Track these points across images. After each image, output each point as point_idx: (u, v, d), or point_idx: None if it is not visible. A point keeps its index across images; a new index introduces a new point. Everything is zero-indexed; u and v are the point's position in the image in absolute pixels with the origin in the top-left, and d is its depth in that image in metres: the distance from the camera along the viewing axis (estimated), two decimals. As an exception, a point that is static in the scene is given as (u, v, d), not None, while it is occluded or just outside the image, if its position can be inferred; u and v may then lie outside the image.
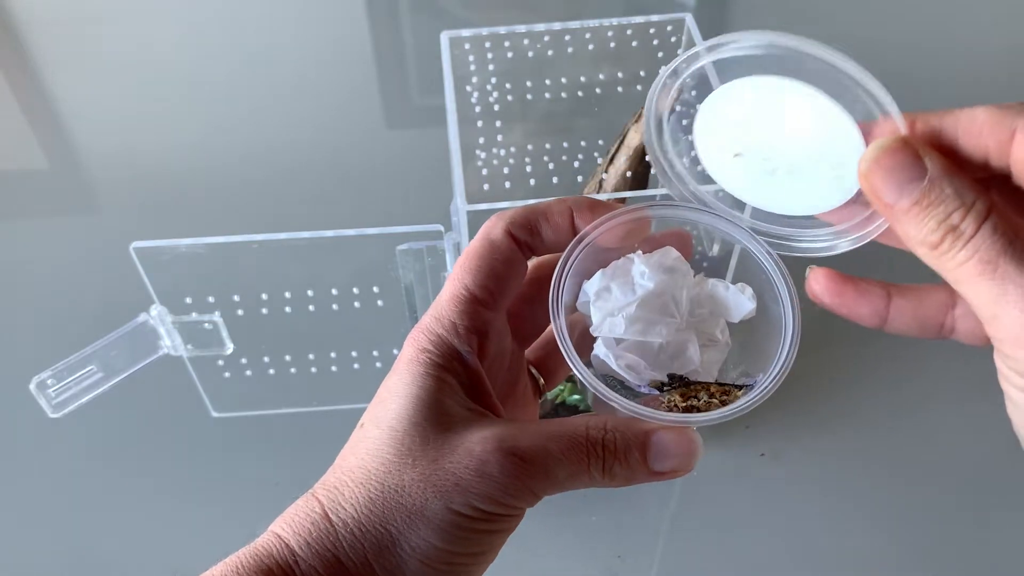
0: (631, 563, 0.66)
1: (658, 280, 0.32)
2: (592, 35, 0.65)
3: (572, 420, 0.30)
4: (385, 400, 0.30)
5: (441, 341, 0.31)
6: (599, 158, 0.70)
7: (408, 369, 0.31)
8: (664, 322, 0.32)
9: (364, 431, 0.30)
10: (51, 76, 1.15)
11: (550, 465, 0.29)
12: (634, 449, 0.29)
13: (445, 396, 0.30)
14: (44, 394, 0.56)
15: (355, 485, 0.29)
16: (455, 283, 0.32)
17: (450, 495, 0.28)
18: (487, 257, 0.32)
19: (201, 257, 0.57)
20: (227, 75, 1.13)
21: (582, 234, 0.32)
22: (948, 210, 0.26)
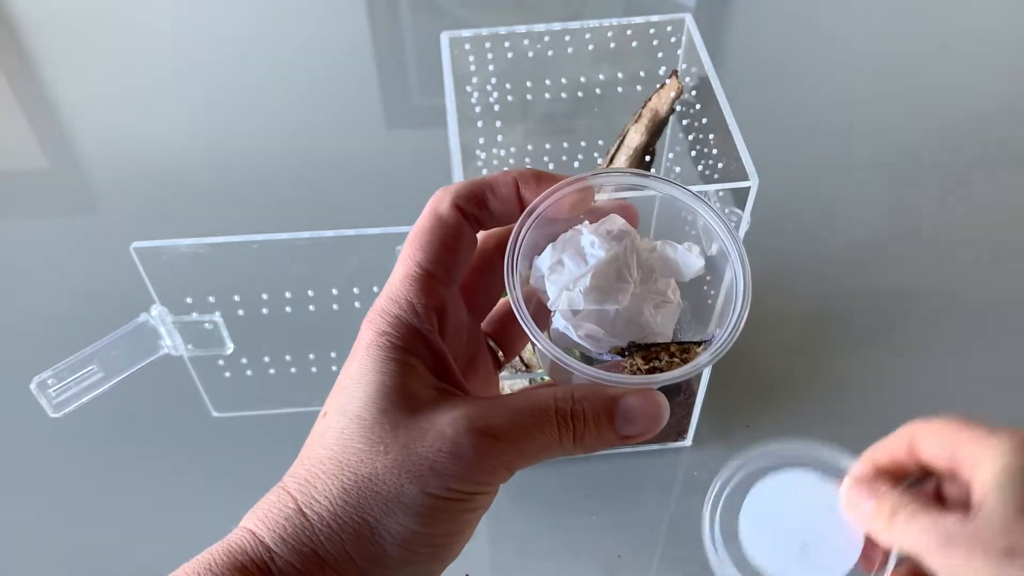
0: (631, 563, 0.66)
1: (608, 248, 0.32)
2: (592, 35, 0.65)
3: (539, 392, 0.30)
4: (348, 387, 0.30)
5: (400, 322, 0.30)
6: (599, 158, 0.70)
7: (369, 354, 0.30)
8: (619, 288, 0.32)
9: (329, 420, 0.30)
10: (51, 76, 1.15)
11: (522, 440, 0.29)
12: (602, 416, 0.30)
13: (410, 379, 0.30)
14: (45, 394, 0.56)
15: (327, 477, 0.28)
16: (407, 262, 0.31)
17: (426, 479, 0.28)
18: (437, 232, 0.31)
19: (201, 257, 0.57)
20: (227, 75, 1.13)
21: (531, 207, 0.32)
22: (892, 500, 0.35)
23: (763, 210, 0.58)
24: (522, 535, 0.69)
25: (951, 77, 1.10)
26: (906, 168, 0.97)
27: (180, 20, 1.23)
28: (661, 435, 0.72)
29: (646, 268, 0.33)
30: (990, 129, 1.02)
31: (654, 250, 0.34)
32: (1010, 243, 0.89)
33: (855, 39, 1.16)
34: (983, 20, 1.19)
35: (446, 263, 0.32)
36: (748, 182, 0.53)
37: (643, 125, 0.61)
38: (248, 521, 0.29)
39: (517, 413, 0.29)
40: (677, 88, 0.59)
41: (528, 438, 0.29)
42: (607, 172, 0.33)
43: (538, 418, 0.29)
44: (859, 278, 0.86)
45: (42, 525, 0.70)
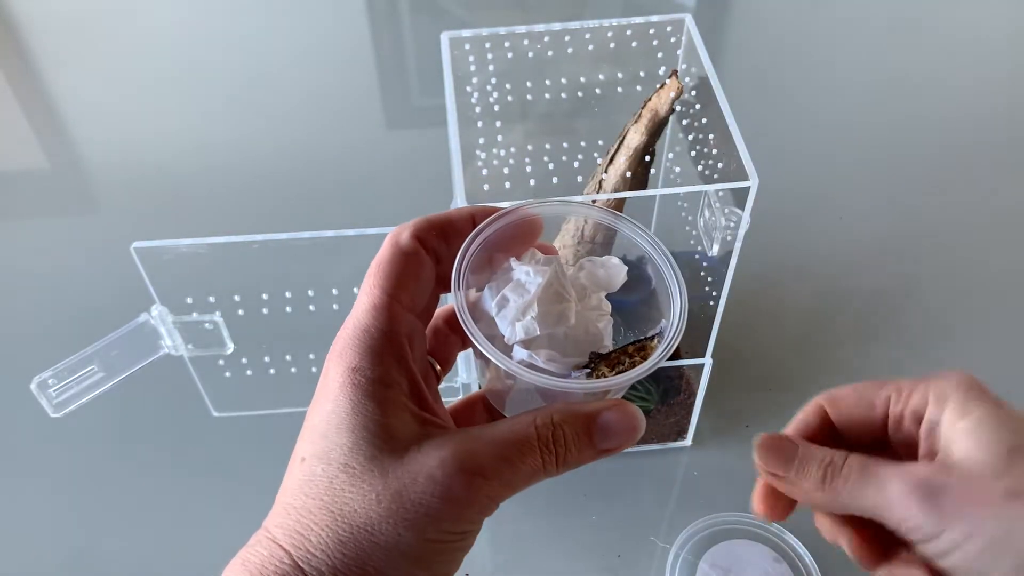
0: (631, 563, 0.66)
1: (542, 274, 0.33)
2: (592, 35, 0.65)
3: (519, 421, 0.30)
4: (327, 433, 0.29)
5: (372, 352, 0.30)
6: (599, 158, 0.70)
7: (344, 394, 0.29)
8: (563, 308, 0.33)
9: (312, 468, 0.29)
10: (51, 76, 1.15)
11: (509, 475, 0.29)
12: (582, 435, 0.31)
13: (391, 417, 0.29)
14: (45, 394, 0.56)
15: (320, 529, 0.28)
16: (372, 292, 0.31)
17: (422, 526, 0.28)
18: (400, 263, 0.32)
19: (202, 257, 0.57)
20: (228, 75, 1.13)
21: (479, 227, 0.33)
22: (820, 457, 0.35)
23: (763, 210, 0.58)
24: (522, 535, 0.69)
25: (951, 77, 1.10)
26: (906, 168, 0.97)
27: (180, 20, 1.23)
28: (661, 435, 0.72)
29: (578, 287, 0.35)
30: (990, 128, 1.02)
31: (581, 268, 0.36)
32: (1010, 242, 0.89)
33: (855, 39, 1.16)
34: (983, 20, 1.19)
35: (410, 291, 0.32)
36: (748, 182, 0.53)
37: (643, 125, 0.61)
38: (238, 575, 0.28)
39: (501, 447, 0.29)
40: (677, 88, 0.59)
41: (514, 471, 0.29)
42: (545, 203, 0.35)
43: (521, 449, 0.30)
44: (859, 277, 0.86)
45: (42, 525, 0.70)
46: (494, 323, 0.33)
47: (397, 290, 0.31)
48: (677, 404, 0.71)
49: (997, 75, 1.10)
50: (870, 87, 1.08)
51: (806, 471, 0.35)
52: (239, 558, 0.29)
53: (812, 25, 1.19)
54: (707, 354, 0.65)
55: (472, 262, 0.33)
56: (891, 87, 1.08)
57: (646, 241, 0.35)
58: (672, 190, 0.61)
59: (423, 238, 0.33)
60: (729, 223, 0.56)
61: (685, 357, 0.73)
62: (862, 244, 0.89)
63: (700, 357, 0.66)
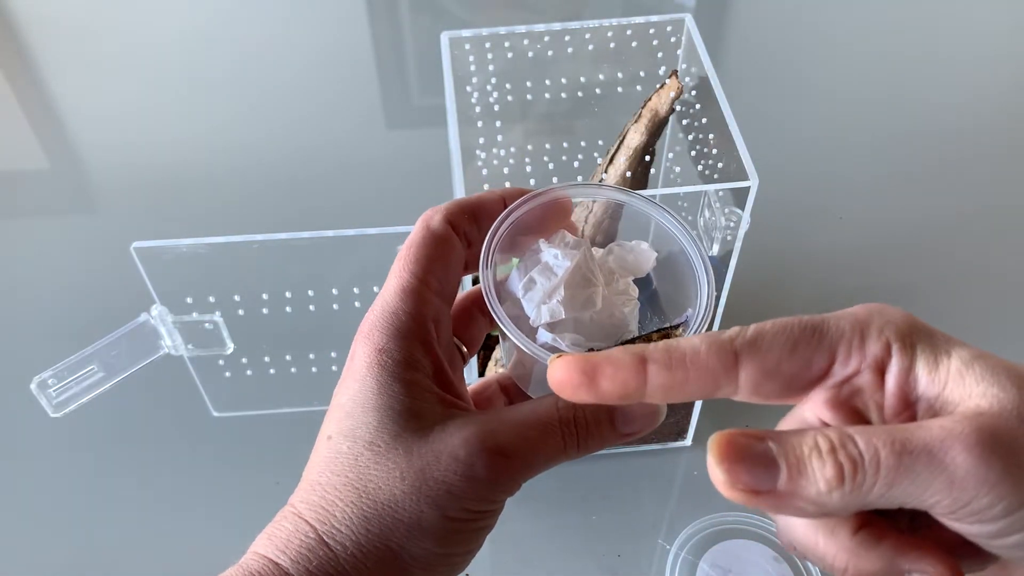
0: (631, 563, 0.66)
1: (571, 256, 0.34)
2: (592, 35, 0.65)
3: (541, 403, 0.31)
4: (353, 412, 0.30)
5: (399, 334, 0.30)
6: (599, 158, 0.70)
7: (372, 375, 0.30)
8: (590, 292, 0.34)
9: (338, 446, 0.30)
10: (51, 76, 1.15)
11: (531, 455, 0.30)
12: (603, 418, 0.31)
13: (416, 398, 0.30)
14: (45, 394, 0.56)
15: (346, 505, 0.29)
16: (401, 274, 0.32)
17: (444, 504, 0.28)
18: (430, 245, 0.32)
19: (202, 257, 0.57)
20: (227, 75, 1.13)
21: (505, 212, 0.33)
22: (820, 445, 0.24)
23: (763, 210, 0.58)
24: (522, 535, 0.69)
25: (951, 77, 1.10)
26: (906, 168, 0.97)
27: (180, 20, 1.23)
28: (661, 435, 0.72)
29: (606, 271, 0.35)
30: (990, 128, 1.02)
31: (610, 253, 0.36)
32: (1011, 242, 0.89)
33: (855, 39, 1.16)
34: (983, 19, 1.19)
35: (439, 275, 0.32)
36: (748, 182, 0.53)
37: (643, 125, 0.61)
38: (266, 549, 0.29)
39: (523, 427, 0.30)
40: (677, 88, 0.59)
41: (535, 452, 0.30)
42: (577, 185, 0.35)
43: (543, 431, 0.30)
44: (859, 278, 0.86)
45: (42, 525, 0.70)
46: (520, 304, 0.33)
47: (426, 274, 0.32)
48: (677, 404, 0.71)
49: (998, 75, 1.10)
50: (870, 86, 1.08)
51: (804, 471, 0.24)
52: (265, 533, 0.29)
53: (812, 25, 1.19)
54: (707, 354, 0.65)
55: (500, 243, 0.33)
56: (891, 87, 1.08)
57: (677, 228, 0.34)
58: (672, 190, 0.61)
59: (455, 222, 0.33)
60: (729, 223, 0.56)
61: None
62: (862, 244, 0.89)
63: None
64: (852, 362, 0.27)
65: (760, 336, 0.27)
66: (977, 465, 0.23)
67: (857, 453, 0.24)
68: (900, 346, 0.26)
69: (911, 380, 0.26)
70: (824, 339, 0.27)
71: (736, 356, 0.26)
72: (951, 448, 0.23)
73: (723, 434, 0.24)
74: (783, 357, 0.26)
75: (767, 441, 0.24)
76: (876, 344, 0.26)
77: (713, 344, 0.26)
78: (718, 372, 0.26)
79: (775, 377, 0.26)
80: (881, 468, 0.23)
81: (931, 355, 0.26)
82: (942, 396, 0.26)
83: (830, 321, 0.27)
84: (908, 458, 0.23)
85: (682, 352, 0.26)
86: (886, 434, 0.24)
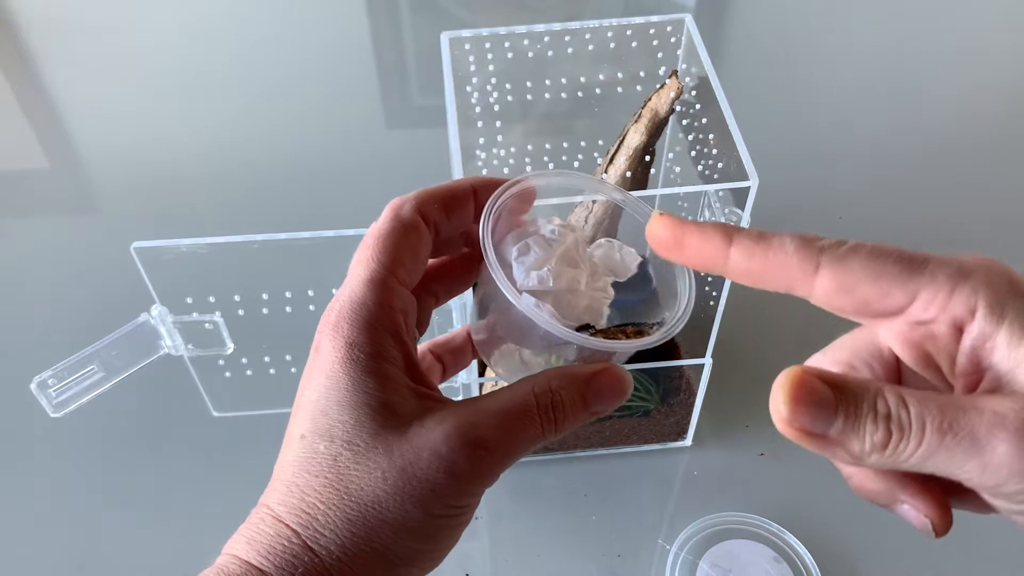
0: (631, 563, 0.66)
1: (566, 235, 0.34)
2: (592, 35, 0.65)
3: (517, 391, 0.31)
4: (328, 410, 0.29)
5: (370, 327, 0.30)
6: (599, 158, 0.70)
7: (344, 370, 0.29)
8: (577, 272, 0.34)
9: (311, 444, 0.29)
10: (51, 76, 1.15)
11: (511, 446, 0.30)
12: (577, 399, 0.31)
13: (390, 393, 0.29)
14: (45, 394, 0.56)
15: (328, 508, 0.28)
16: (371, 264, 0.31)
17: (428, 502, 0.28)
18: (401, 236, 0.31)
19: (202, 257, 0.57)
20: (227, 75, 1.13)
21: (498, 192, 0.33)
22: (876, 407, 0.25)
23: (763, 210, 0.58)
24: (522, 535, 0.69)
25: (951, 76, 1.10)
26: (906, 168, 0.97)
27: (180, 20, 1.23)
28: (661, 435, 0.72)
29: (591, 264, 0.35)
30: (990, 128, 1.02)
31: (599, 247, 0.36)
32: (1011, 242, 0.89)
33: (855, 39, 1.16)
34: (983, 19, 1.19)
35: (408, 265, 0.32)
36: (748, 182, 0.53)
37: (643, 125, 0.61)
38: (247, 554, 0.28)
39: (503, 418, 0.30)
40: (677, 88, 0.59)
41: (516, 441, 0.30)
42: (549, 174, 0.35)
43: (522, 419, 0.30)
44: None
45: (42, 525, 0.70)
46: (509, 270, 0.34)
47: (395, 264, 0.31)
48: (677, 404, 0.71)
49: (998, 74, 1.10)
50: (870, 87, 1.08)
51: (857, 429, 0.24)
52: (243, 536, 0.29)
53: (812, 25, 1.19)
54: (707, 354, 0.65)
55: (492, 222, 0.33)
56: (891, 87, 1.08)
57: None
58: (672, 190, 0.61)
59: (425, 211, 0.32)
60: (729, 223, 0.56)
61: (685, 357, 0.73)
62: (862, 244, 0.89)
63: (700, 357, 0.66)
64: (931, 310, 0.26)
65: (851, 253, 0.27)
66: (1014, 455, 0.23)
67: (907, 423, 0.24)
68: (987, 312, 0.26)
69: (988, 347, 0.26)
70: (912, 279, 0.26)
71: (818, 263, 0.27)
72: (995, 437, 0.23)
73: (796, 372, 0.24)
74: (863, 280, 0.27)
75: (830, 387, 0.24)
76: (962, 304, 0.26)
77: (802, 243, 0.27)
78: (796, 271, 0.27)
79: (850, 296, 0.27)
80: (923, 445, 0.24)
81: (1018, 331, 0.25)
82: (1013, 373, 0.25)
83: (929, 263, 0.27)
84: (951, 439, 0.24)
85: (768, 241, 0.27)
86: (938, 410, 0.24)
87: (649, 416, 0.71)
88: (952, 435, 0.24)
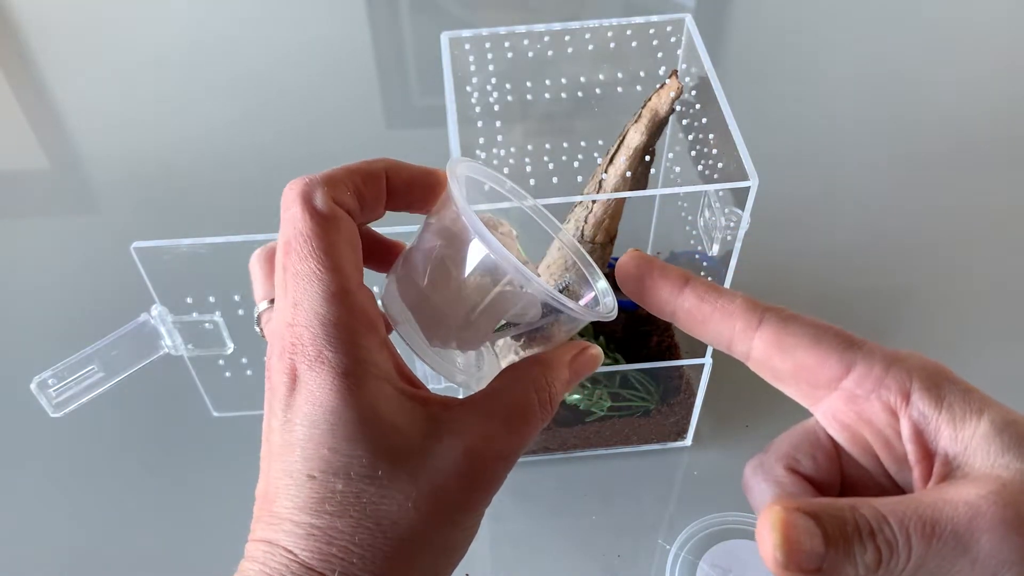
0: (631, 563, 0.66)
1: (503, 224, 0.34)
2: (592, 35, 0.65)
3: (517, 392, 0.31)
4: (338, 448, 0.27)
5: (353, 348, 0.28)
6: (599, 158, 0.70)
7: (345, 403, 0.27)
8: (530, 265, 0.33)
9: (327, 485, 0.27)
10: (51, 76, 1.15)
11: (522, 447, 0.30)
12: (564, 385, 0.32)
13: (395, 414, 0.28)
14: (45, 394, 0.56)
15: (363, 549, 0.27)
16: (320, 276, 0.28)
17: (460, 520, 0.29)
18: (332, 234, 0.28)
19: (202, 257, 0.57)
20: (227, 75, 1.13)
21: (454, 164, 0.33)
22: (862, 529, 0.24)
23: (763, 210, 0.58)
24: (522, 535, 0.69)
25: (951, 77, 1.10)
26: (906, 168, 0.97)
27: (180, 20, 1.23)
28: (661, 435, 0.72)
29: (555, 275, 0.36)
30: (990, 128, 1.02)
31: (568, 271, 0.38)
32: (1010, 243, 0.89)
33: (855, 39, 1.16)
34: (983, 20, 1.19)
35: (354, 262, 0.29)
36: (748, 182, 0.53)
37: (643, 125, 0.61)
38: None
39: (512, 423, 0.30)
40: (677, 88, 0.59)
41: (525, 442, 0.30)
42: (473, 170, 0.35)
43: (529, 420, 0.30)
44: (859, 278, 0.86)
45: (42, 525, 0.70)
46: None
47: (345, 267, 0.28)
48: (677, 404, 0.71)
49: (998, 74, 1.10)
50: (870, 87, 1.08)
51: (849, 555, 0.24)
52: None
53: (812, 25, 1.19)
54: (707, 354, 0.65)
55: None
56: (891, 87, 1.08)
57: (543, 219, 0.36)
58: (672, 190, 0.61)
59: (340, 199, 0.29)
60: (729, 223, 0.56)
61: (685, 357, 0.73)
62: (862, 244, 0.89)
63: (700, 357, 0.66)
64: (866, 384, 0.27)
65: (794, 319, 0.28)
66: (1000, 547, 0.24)
67: (893, 537, 0.24)
68: (924, 393, 0.27)
69: (932, 430, 0.26)
70: (850, 351, 0.27)
71: (761, 319, 0.28)
72: (976, 529, 0.24)
73: (780, 515, 0.24)
74: (802, 344, 0.28)
75: (813, 519, 0.24)
76: (896, 384, 0.27)
77: (748, 300, 0.29)
78: (739, 321, 0.28)
79: (788, 357, 0.28)
80: (913, 555, 0.24)
81: (959, 411, 0.26)
82: (964, 457, 0.26)
83: (867, 343, 0.28)
84: (937, 543, 0.24)
85: (719, 291, 0.29)
86: (916, 516, 0.24)
87: (649, 416, 0.71)
88: (937, 539, 0.24)
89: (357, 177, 0.31)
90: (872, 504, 0.25)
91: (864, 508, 0.24)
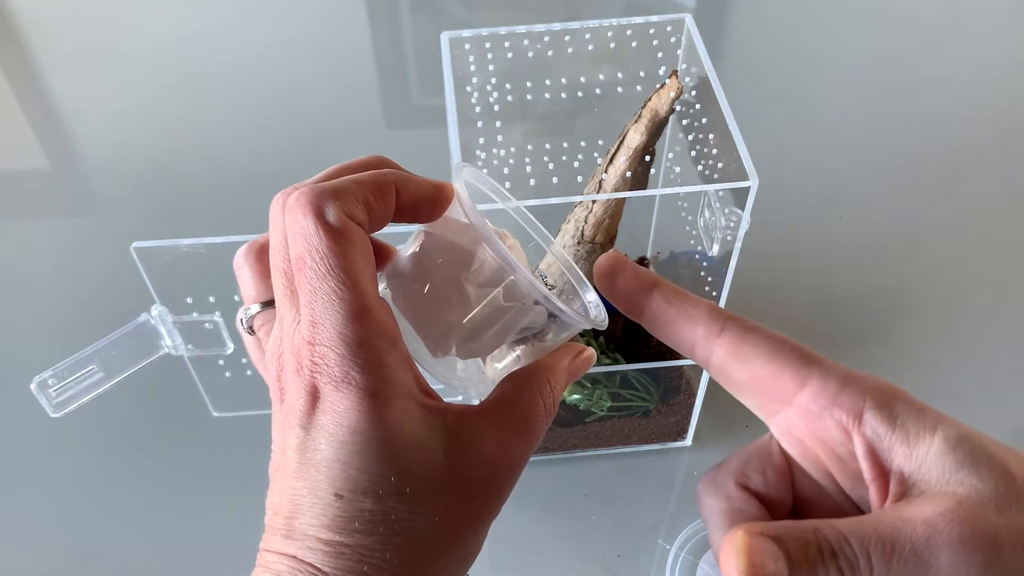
0: (631, 563, 0.66)
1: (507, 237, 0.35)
2: (592, 35, 0.65)
3: (525, 400, 0.31)
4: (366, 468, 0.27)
5: (380, 367, 0.28)
6: (599, 158, 0.70)
7: (374, 423, 0.27)
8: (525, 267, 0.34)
9: (355, 504, 0.27)
10: (51, 76, 1.15)
11: (532, 451, 0.31)
12: (564, 386, 0.33)
13: (421, 429, 0.28)
14: (45, 394, 0.56)
15: (394, 566, 0.27)
16: (344, 295, 0.27)
17: (482, 530, 0.30)
18: (350, 251, 0.28)
19: (201, 257, 0.57)
20: (227, 75, 1.13)
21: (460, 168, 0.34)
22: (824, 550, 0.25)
23: (763, 210, 0.58)
24: (522, 535, 0.69)
25: (951, 77, 1.10)
26: (906, 168, 0.97)
27: (180, 21, 1.23)
28: (661, 435, 0.72)
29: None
30: (990, 129, 1.02)
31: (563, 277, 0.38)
32: (1010, 243, 0.89)
33: (855, 39, 1.16)
34: (984, 20, 1.19)
35: (371, 277, 0.29)
36: (748, 182, 0.53)
37: (643, 125, 0.61)
38: None
39: (525, 431, 0.31)
40: (677, 88, 0.59)
41: (534, 446, 0.31)
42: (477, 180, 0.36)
43: (538, 426, 0.31)
44: (858, 278, 0.86)
45: (42, 525, 0.70)
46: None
47: (363, 282, 0.28)
48: (677, 404, 0.71)
49: (998, 75, 1.10)
50: (870, 87, 1.08)
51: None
52: None
53: (812, 25, 1.19)
54: (707, 354, 0.65)
55: None
56: (891, 87, 1.08)
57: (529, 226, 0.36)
58: (672, 190, 0.61)
59: (352, 213, 0.29)
60: (729, 223, 0.56)
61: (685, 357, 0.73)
62: (862, 244, 0.89)
63: (700, 357, 0.66)
64: (820, 400, 0.28)
65: (755, 330, 0.29)
66: (958, 563, 0.24)
67: (854, 557, 0.24)
68: (876, 412, 0.27)
69: (886, 447, 0.27)
70: (806, 367, 0.28)
71: (723, 327, 0.29)
72: (935, 547, 0.24)
73: (743, 539, 0.24)
74: (760, 355, 0.29)
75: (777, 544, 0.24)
76: (850, 402, 0.27)
77: (713, 308, 0.29)
78: (702, 327, 0.29)
79: (745, 366, 0.29)
80: (875, 574, 0.24)
81: (912, 429, 0.27)
82: (919, 474, 0.26)
83: (825, 360, 0.29)
84: (897, 563, 0.24)
85: (686, 296, 0.30)
86: (876, 536, 0.24)
87: (649, 416, 0.71)
88: (897, 557, 0.24)
89: (367, 191, 0.30)
90: (833, 525, 0.25)
91: (826, 529, 0.25)
